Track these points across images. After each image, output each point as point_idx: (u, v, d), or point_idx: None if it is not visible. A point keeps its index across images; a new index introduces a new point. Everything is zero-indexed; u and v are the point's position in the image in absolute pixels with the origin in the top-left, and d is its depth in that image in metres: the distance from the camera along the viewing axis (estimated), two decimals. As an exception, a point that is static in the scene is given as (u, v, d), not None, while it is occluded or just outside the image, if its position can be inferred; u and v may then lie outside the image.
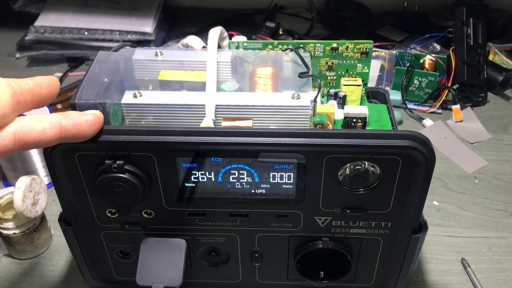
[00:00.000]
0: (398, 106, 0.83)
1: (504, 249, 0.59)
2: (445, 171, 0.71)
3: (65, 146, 0.39)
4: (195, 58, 0.49)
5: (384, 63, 0.85)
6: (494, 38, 0.92)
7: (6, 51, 0.98)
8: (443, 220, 0.63)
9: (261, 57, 0.50)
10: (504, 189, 0.68)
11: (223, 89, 0.47)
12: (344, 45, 0.52)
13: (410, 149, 0.38)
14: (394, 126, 0.51)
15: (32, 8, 1.01)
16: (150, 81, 0.48)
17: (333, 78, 0.54)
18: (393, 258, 0.47)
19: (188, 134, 0.38)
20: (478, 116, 0.81)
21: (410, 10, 0.99)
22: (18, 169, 0.65)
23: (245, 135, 0.38)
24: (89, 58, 0.95)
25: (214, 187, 0.42)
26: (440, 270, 0.57)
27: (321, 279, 0.49)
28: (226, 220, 0.45)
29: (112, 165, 0.39)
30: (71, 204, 0.44)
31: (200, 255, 0.49)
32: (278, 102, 0.44)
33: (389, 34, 0.96)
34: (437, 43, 0.87)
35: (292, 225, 0.45)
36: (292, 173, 0.41)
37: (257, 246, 0.47)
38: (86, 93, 0.43)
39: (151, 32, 0.95)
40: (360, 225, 0.44)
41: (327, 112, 0.48)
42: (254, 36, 0.90)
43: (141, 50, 0.50)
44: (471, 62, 0.83)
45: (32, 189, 0.52)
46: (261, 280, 0.51)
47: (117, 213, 0.44)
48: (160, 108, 0.44)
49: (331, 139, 0.38)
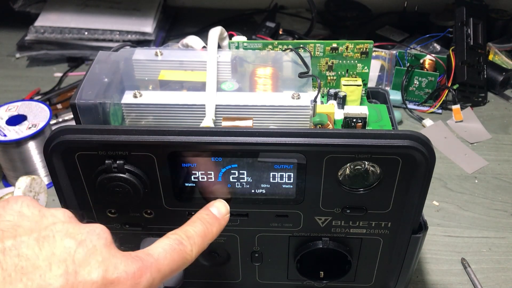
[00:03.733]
0: (398, 106, 0.83)
1: (504, 249, 0.59)
2: (445, 171, 0.71)
3: (65, 146, 0.39)
4: (195, 58, 0.49)
5: (384, 63, 0.85)
6: (494, 38, 0.92)
7: (6, 51, 0.98)
8: (443, 220, 0.63)
9: (261, 57, 0.50)
10: (504, 189, 0.68)
11: (223, 89, 0.47)
12: (344, 45, 0.52)
13: (410, 149, 0.38)
14: (394, 126, 0.51)
15: (32, 8, 1.01)
16: (150, 81, 0.48)
17: (333, 78, 0.54)
18: (393, 258, 0.47)
19: (188, 134, 0.38)
20: (478, 116, 0.81)
21: (410, 10, 0.99)
22: (18, 169, 0.65)
23: (245, 135, 0.38)
24: (89, 58, 0.95)
25: (214, 187, 0.42)
26: (440, 270, 0.57)
27: (321, 279, 0.49)
28: (226, 220, 0.45)
29: (112, 165, 0.39)
30: (71, 204, 0.43)
31: (200, 255, 0.49)
32: (278, 102, 0.44)
33: (389, 34, 0.96)
34: (437, 43, 0.87)
35: (292, 225, 0.45)
36: (292, 173, 0.41)
37: (257, 246, 0.47)
38: (86, 93, 0.43)
39: (151, 32, 0.95)
40: (360, 225, 0.44)
41: (327, 112, 0.48)
42: (254, 36, 0.90)
43: (141, 50, 0.50)
44: (471, 62, 0.83)
45: (32, 189, 0.52)
46: (261, 280, 0.51)
47: (117, 213, 0.44)
48: (160, 108, 0.44)
49: (331, 139, 0.38)
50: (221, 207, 0.41)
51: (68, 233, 0.31)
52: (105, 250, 0.32)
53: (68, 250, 0.30)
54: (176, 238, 0.36)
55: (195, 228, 0.38)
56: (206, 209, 0.40)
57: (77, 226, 0.32)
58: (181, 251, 0.35)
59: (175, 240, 0.36)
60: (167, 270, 0.34)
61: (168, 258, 0.34)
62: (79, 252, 0.30)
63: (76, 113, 0.43)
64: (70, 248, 0.30)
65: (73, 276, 0.29)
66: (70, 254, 0.30)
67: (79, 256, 0.30)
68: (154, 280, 0.33)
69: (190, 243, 0.36)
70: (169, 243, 0.35)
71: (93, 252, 0.31)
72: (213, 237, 0.39)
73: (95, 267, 0.30)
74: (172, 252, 0.35)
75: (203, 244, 0.38)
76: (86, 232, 0.32)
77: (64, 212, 0.34)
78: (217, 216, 0.40)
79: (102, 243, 0.32)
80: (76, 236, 0.31)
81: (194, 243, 0.37)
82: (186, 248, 0.36)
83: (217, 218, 0.40)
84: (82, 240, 0.31)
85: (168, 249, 0.35)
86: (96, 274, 0.30)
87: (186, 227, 0.38)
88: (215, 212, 0.40)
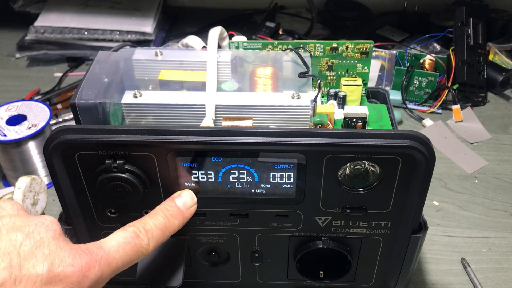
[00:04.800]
0: (398, 106, 0.83)
1: (504, 249, 0.59)
2: (445, 171, 0.71)
3: (65, 146, 0.39)
4: (195, 58, 0.49)
5: (384, 63, 0.85)
6: (494, 38, 0.92)
7: (6, 51, 0.98)
8: (443, 220, 0.63)
9: (261, 57, 0.50)
10: (504, 189, 0.68)
11: (223, 89, 0.47)
12: (344, 45, 0.52)
13: (410, 149, 0.38)
14: (394, 126, 0.51)
15: (32, 8, 1.01)
16: (150, 81, 0.48)
17: (333, 78, 0.54)
18: (393, 258, 0.47)
19: (188, 134, 0.38)
20: (478, 116, 0.81)
21: (410, 10, 0.99)
22: (18, 169, 0.65)
23: (245, 135, 0.38)
24: (89, 58, 0.95)
25: (214, 187, 0.42)
26: (440, 270, 0.57)
27: (321, 279, 0.49)
28: (226, 220, 0.45)
29: (112, 164, 0.39)
30: (71, 204, 0.43)
31: (200, 255, 0.49)
32: (278, 102, 0.44)
33: (389, 34, 0.96)
34: (437, 43, 0.87)
35: (292, 225, 0.45)
36: (292, 173, 0.41)
37: (257, 246, 0.47)
38: (86, 93, 0.43)
39: (151, 32, 0.95)
40: (360, 225, 0.44)
41: (327, 112, 0.48)
42: (254, 36, 0.90)
43: (141, 50, 0.50)
44: (471, 62, 0.83)
45: (32, 189, 0.52)
46: (261, 280, 0.51)
47: (117, 213, 0.44)
48: (160, 108, 0.44)
49: (331, 139, 0.38)
50: (188, 199, 0.40)
51: (15, 226, 0.31)
52: (53, 242, 0.31)
53: (14, 243, 0.30)
54: (133, 230, 0.35)
55: (155, 221, 0.37)
56: (171, 199, 0.39)
57: (25, 219, 0.32)
58: (136, 245, 0.35)
59: (131, 233, 0.35)
60: (119, 263, 0.34)
61: (121, 251, 0.34)
62: (25, 245, 0.30)
63: (76, 113, 0.43)
64: (17, 241, 0.30)
65: (17, 269, 0.29)
66: (16, 247, 0.30)
67: (25, 248, 0.30)
68: (103, 274, 0.32)
69: (148, 236, 0.36)
70: (123, 236, 0.34)
71: (40, 245, 0.31)
72: (175, 230, 0.38)
73: (40, 260, 0.30)
74: (125, 246, 0.34)
75: (163, 237, 0.37)
76: (34, 224, 0.32)
77: (13, 204, 0.34)
78: (181, 209, 0.39)
79: (50, 235, 0.32)
80: (23, 228, 0.31)
81: (152, 236, 0.36)
82: (142, 242, 0.35)
83: (181, 210, 0.39)
84: (30, 233, 0.31)
85: (122, 242, 0.34)
86: (41, 267, 0.29)
87: (146, 218, 0.37)
88: (180, 204, 0.39)
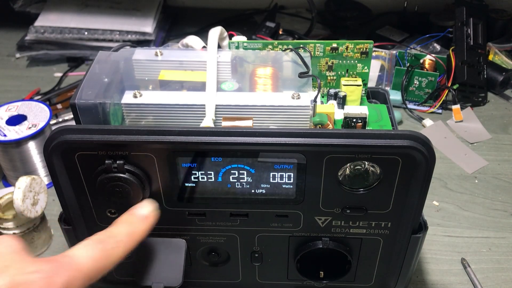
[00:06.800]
0: (398, 106, 0.83)
1: (504, 249, 0.59)
2: (445, 171, 0.71)
3: (65, 146, 0.39)
4: (195, 58, 0.49)
5: (384, 63, 0.85)
6: (494, 38, 0.92)
7: (6, 51, 0.98)
8: (443, 220, 0.63)
9: (261, 57, 0.50)
10: (504, 189, 0.68)
11: (223, 89, 0.47)
12: (344, 45, 0.52)
13: (410, 149, 0.38)
14: (394, 126, 0.51)
15: (32, 8, 1.01)
16: (150, 81, 0.48)
17: (333, 78, 0.54)
18: (393, 258, 0.47)
19: (188, 134, 0.38)
20: (478, 116, 0.81)
21: (410, 10, 0.99)
22: (18, 169, 0.65)
23: (245, 135, 0.38)
24: (89, 58, 0.95)
25: (214, 187, 0.42)
26: (440, 270, 0.57)
27: (321, 279, 0.49)
28: (226, 220, 0.45)
29: (112, 165, 0.39)
30: (71, 204, 0.44)
31: (200, 255, 0.49)
32: (278, 102, 0.44)
33: (389, 34, 0.96)
34: (437, 43, 0.87)
35: (292, 225, 0.45)
36: (292, 173, 0.41)
37: (257, 246, 0.47)
38: (86, 93, 0.43)
39: (151, 32, 0.95)
40: (360, 225, 0.44)
41: (327, 112, 0.48)
42: (254, 36, 0.90)
43: (141, 50, 0.50)
44: (471, 62, 0.83)
45: (32, 189, 0.52)
46: (261, 280, 0.51)
47: (117, 213, 0.44)
48: (160, 108, 0.44)
49: (331, 139, 0.38)
50: (146, 205, 0.41)
51: None
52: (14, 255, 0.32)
53: None
54: (97, 238, 0.36)
55: (118, 229, 0.38)
56: (129, 211, 0.40)
57: None
58: (103, 249, 0.35)
59: (96, 240, 0.35)
60: (90, 268, 0.34)
61: (89, 256, 0.34)
62: None
63: (76, 113, 0.43)
64: None
65: None
66: None
67: None
68: (75, 279, 0.32)
69: (115, 240, 0.36)
70: (88, 243, 0.35)
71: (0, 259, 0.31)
72: (143, 235, 0.39)
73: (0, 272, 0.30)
74: (92, 251, 0.34)
75: (132, 242, 0.38)
76: None
77: None
78: (142, 215, 0.40)
79: (9, 250, 0.32)
80: None
81: (120, 240, 0.36)
82: (107, 246, 0.35)
83: (143, 217, 0.40)
84: None
85: (89, 248, 0.34)
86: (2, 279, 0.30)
87: (109, 228, 0.38)
88: (140, 212, 0.40)
